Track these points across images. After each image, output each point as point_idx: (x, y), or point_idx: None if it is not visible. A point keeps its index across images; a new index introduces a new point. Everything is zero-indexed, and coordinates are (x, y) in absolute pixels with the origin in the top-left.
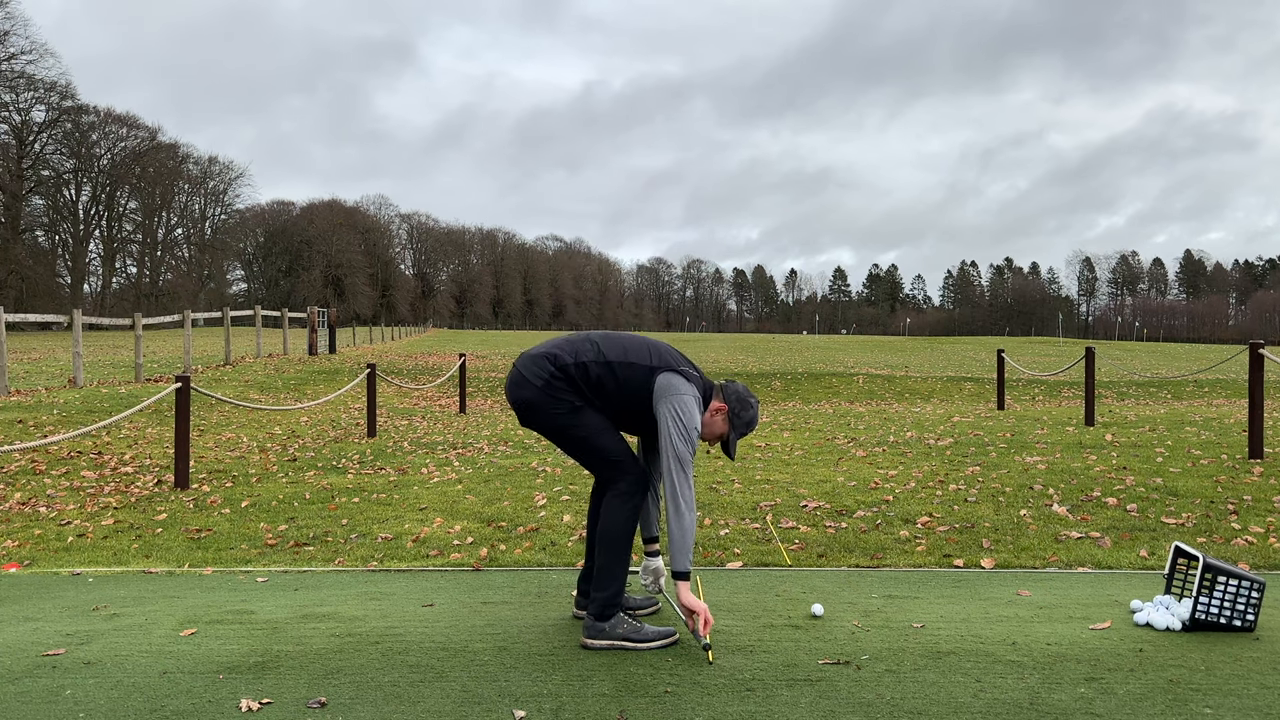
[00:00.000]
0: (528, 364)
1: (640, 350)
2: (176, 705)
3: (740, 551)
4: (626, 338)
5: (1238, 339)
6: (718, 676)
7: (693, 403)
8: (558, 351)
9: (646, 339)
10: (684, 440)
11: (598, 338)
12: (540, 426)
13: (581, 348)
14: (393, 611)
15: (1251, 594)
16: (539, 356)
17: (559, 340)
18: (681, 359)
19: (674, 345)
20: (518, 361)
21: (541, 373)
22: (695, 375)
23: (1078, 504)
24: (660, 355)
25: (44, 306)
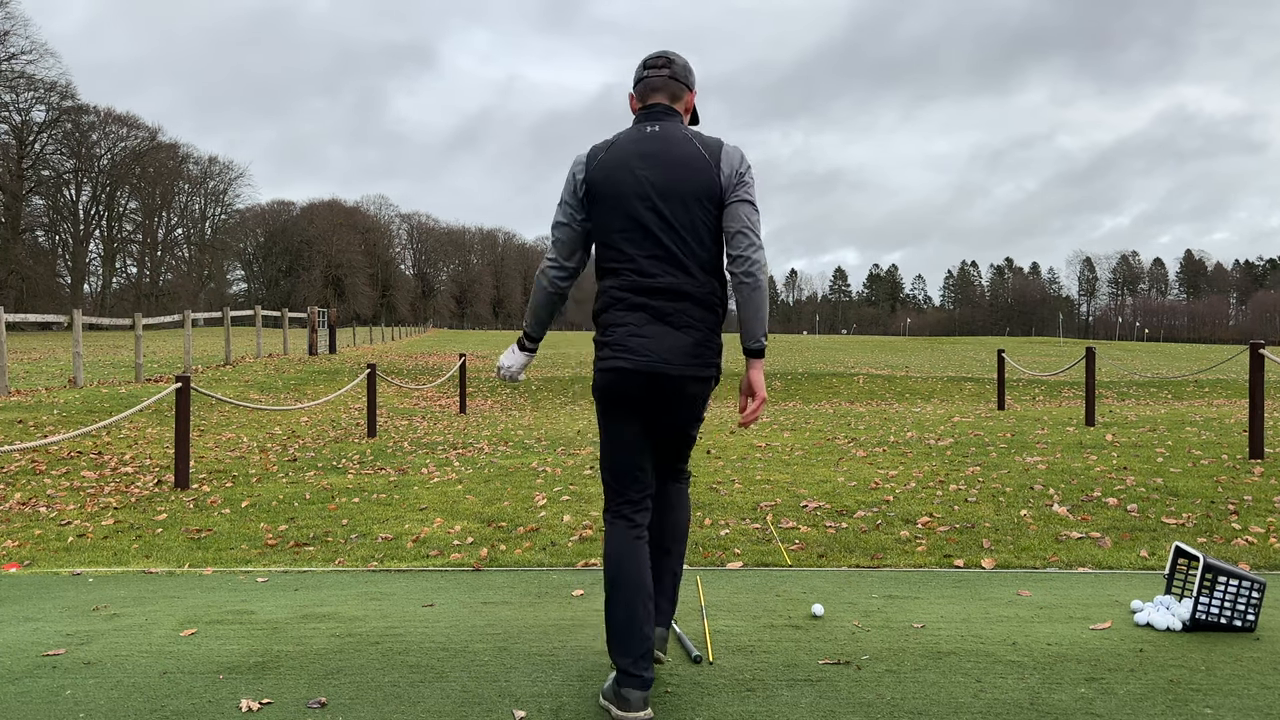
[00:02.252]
0: (696, 330)
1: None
2: (176, 705)
3: (740, 551)
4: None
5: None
6: (718, 676)
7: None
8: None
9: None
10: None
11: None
12: (688, 419)
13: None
14: (393, 611)
15: (1252, 594)
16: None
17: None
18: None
19: None
20: (663, 344)
21: (716, 347)
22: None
23: (1078, 504)
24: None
25: (44, 306)
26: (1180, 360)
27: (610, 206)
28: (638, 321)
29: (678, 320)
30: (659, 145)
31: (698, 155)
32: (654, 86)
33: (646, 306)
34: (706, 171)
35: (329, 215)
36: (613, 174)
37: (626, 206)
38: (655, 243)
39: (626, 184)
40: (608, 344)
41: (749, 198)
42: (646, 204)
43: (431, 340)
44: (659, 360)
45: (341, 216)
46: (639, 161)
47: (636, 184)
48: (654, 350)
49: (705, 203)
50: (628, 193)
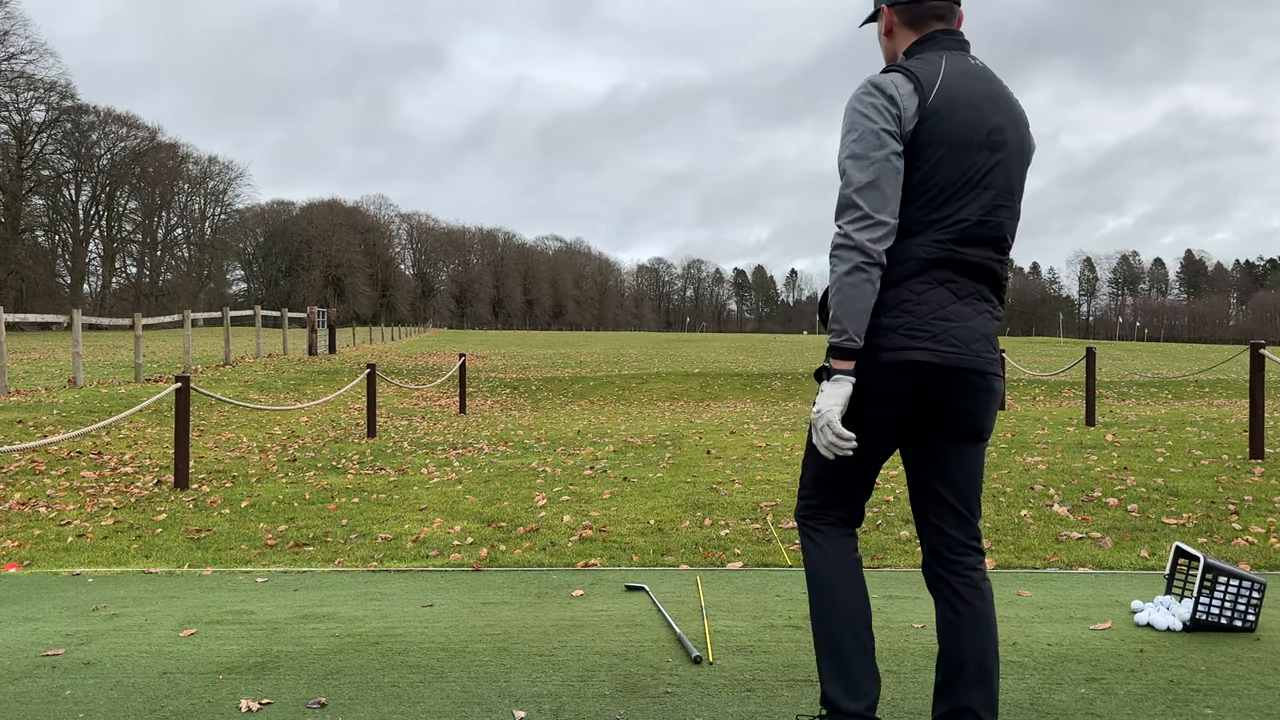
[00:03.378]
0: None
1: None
2: (176, 706)
3: (740, 551)
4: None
5: (1239, 339)
6: (718, 676)
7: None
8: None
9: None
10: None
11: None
12: (984, 434)
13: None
14: (393, 612)
15: (1252, 594)
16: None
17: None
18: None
19: (674, 345)
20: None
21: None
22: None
23: (1078, 504)
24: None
25: (44, 306)
26: (1180, 360)
27: (951, 150)
28: (944, 300)
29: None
30: (998, 87)
31: (1013, 101)
32: (939, 14)
33: (953, 282)
34: (1025, 122)
35: (329, 215)
36: (959, 112)
37: (973, 156)
38: (987, 203)
39: (976, 128)
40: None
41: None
42: (997, 155)
43: (431, 340)
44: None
45: (341, 216)
46: (988, 104)
47: (990, 130)
48: (962, 339)
49: (1026, 168)
50: (978, 141)
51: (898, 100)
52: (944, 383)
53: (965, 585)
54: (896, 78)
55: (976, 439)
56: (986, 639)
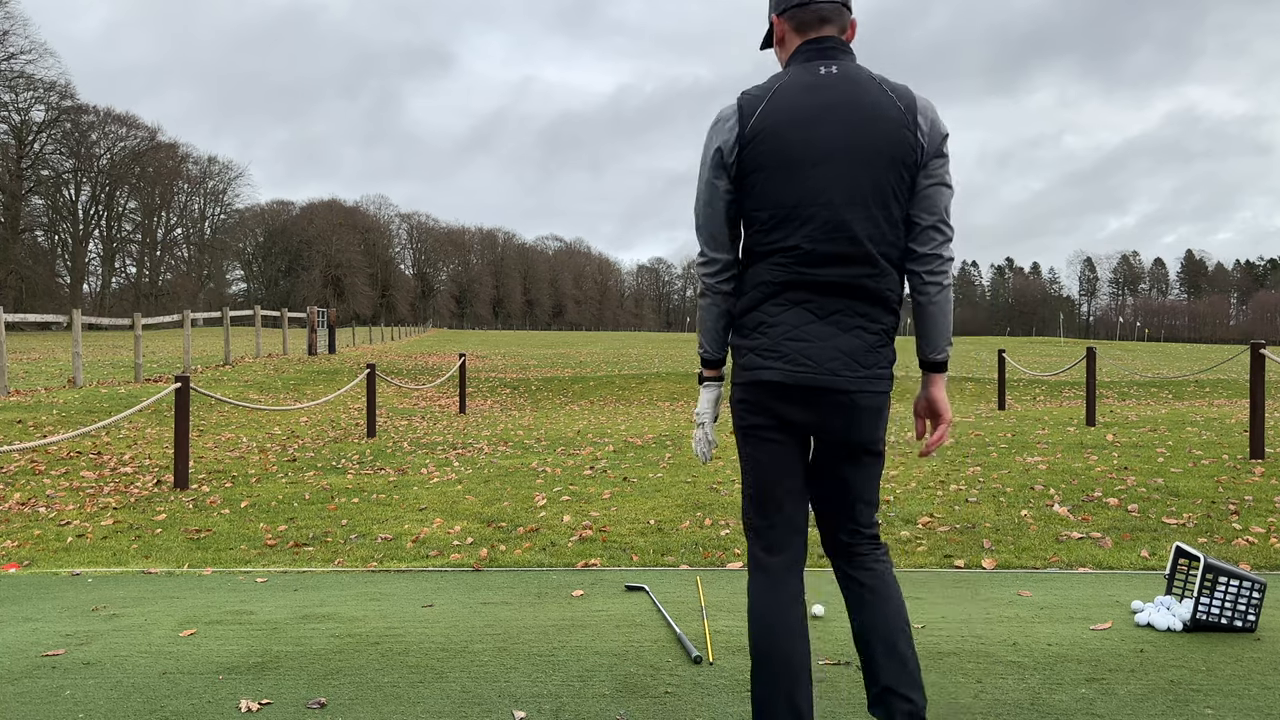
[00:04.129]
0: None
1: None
2: (176, 706)
3: (740, 552)
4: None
5: (1239, 339)
6: (718, 676)
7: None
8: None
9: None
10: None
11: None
12: (865, 440)
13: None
14: (392, 612)
15: (1252, 595)
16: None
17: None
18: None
19: (673, 345)
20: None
21: (889, 355)
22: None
23: (1079, 504)
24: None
25: (43, 306)
26: (1181, 360)
27: (773, 174)
28: (800, 320)
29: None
30: (844, 93)
31: (891, 104)
32: (824, 16)
33: (809, 301)
34: (899, 124)
35: (328, 215)
36: (783, 133)
37: (799, 174)
38: (833, 217)
39: (803, 145)
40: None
41: (949, 179)
42: (828, 169)
43: (431, 340)
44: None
45: (341, 216)
46: (824, 114)
47: (817, 142)
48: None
49: (901, 169)
50: (800, 156)
51: (724, 131)
52: (800, 401)
53: (863, 571)
54: (729, 108)
55: (856, 452)
56: (892, 619)
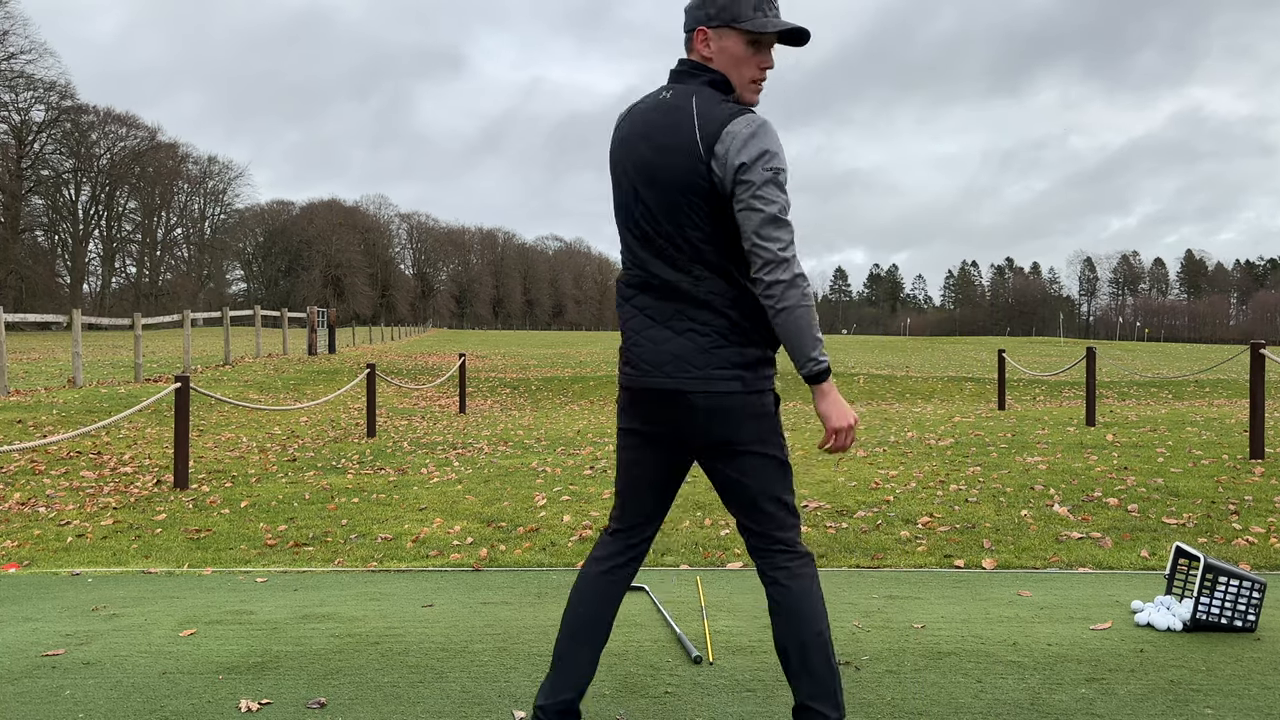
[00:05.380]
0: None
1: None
2: (176, 705)
3: (740, 551)
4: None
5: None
6: (718, 676)
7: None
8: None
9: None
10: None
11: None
12: (727, 440)
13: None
14: (392, 612)
15: (1252, 594)
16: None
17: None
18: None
19: None
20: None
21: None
22: None
23: (1079, 504)
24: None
25: (43, 306)
26: (1181, 360)
27: (615, 188)
28: (641, 326)
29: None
30: (663, 114)
31: (687, 129)
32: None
33: (649, 308)
34: (692, 152)
35: (328, 215)
36: (616, 151)
37: (624, 191)
38: (640, 233)
39: (624, 163)
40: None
41: (758, 204)
42: (633, 190)
43: (431, 340)
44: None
45: (341, 216)
46: (641, 130)
47: (627, 165)
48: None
49: (692, 196)
50: (618, 176)
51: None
52: (645, 402)
53: (772, 584)
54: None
55: (724, 453)
56: (798, 629)
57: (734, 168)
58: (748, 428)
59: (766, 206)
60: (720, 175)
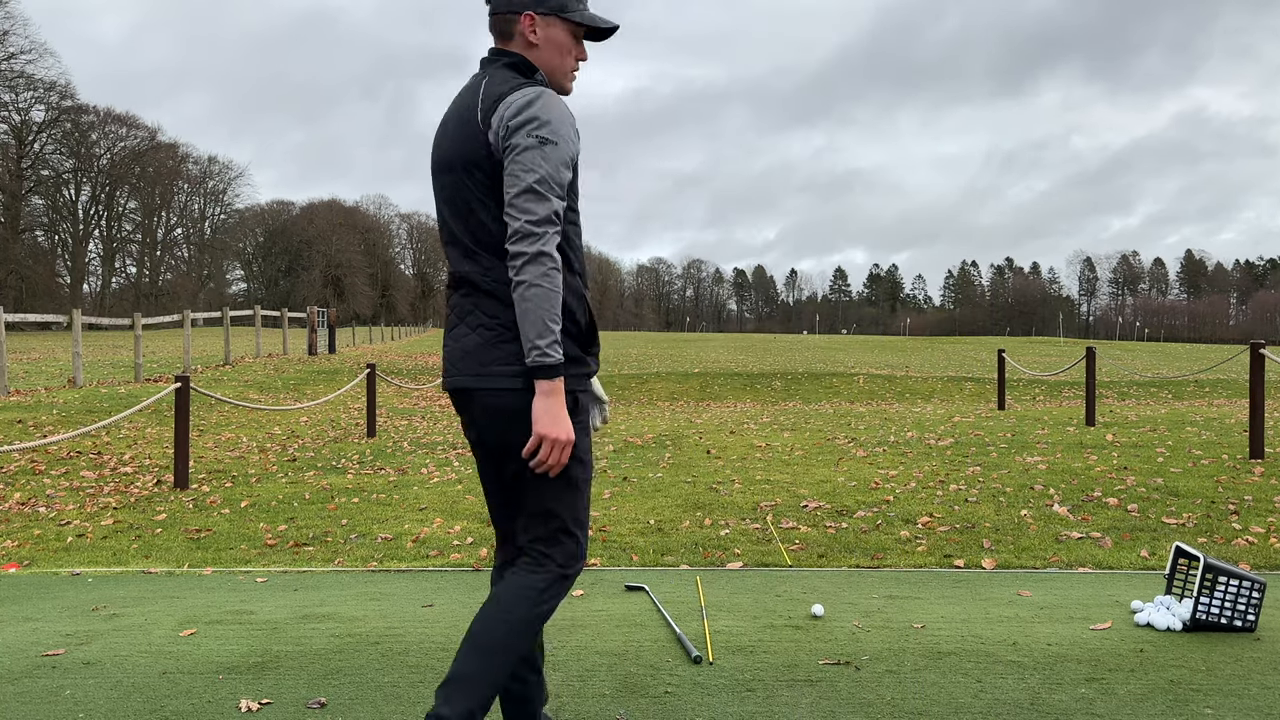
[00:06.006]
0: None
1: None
2: (176, 705)
3: (740, 551)
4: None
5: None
6: (718, 676)
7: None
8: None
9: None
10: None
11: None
12: (504, 444)
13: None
14: (392, 612)
15: (1252, 594)
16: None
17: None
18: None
19: (674, 345)
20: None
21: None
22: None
23: (1078, 504)
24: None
25: (43, 306)
26: (1180, 360)
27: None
28: (451, 323)
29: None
30: (464, 100)
31: (472, 108)
32: (491, 28)
33: (457, 305)
34: (474, 127)
35: (328, 215)
36: (434, 140)
37: (435, 180)
38: (447, 230)
39: (433, 152)
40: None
41: (518, 170)
42: (437, 176)
43: (431, 340)
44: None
45: (341, 216)
46: (448, 121)
47: (434, 151)
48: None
49: (475, 171)
50: (434, 162)
51: None
52: (456, 404)
53: (500, 578)
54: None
55: (505, 457)
56: (484, 620)
57: (503, 134)
58: (528, 428)
59: (525, 174)
60: (494, 145)
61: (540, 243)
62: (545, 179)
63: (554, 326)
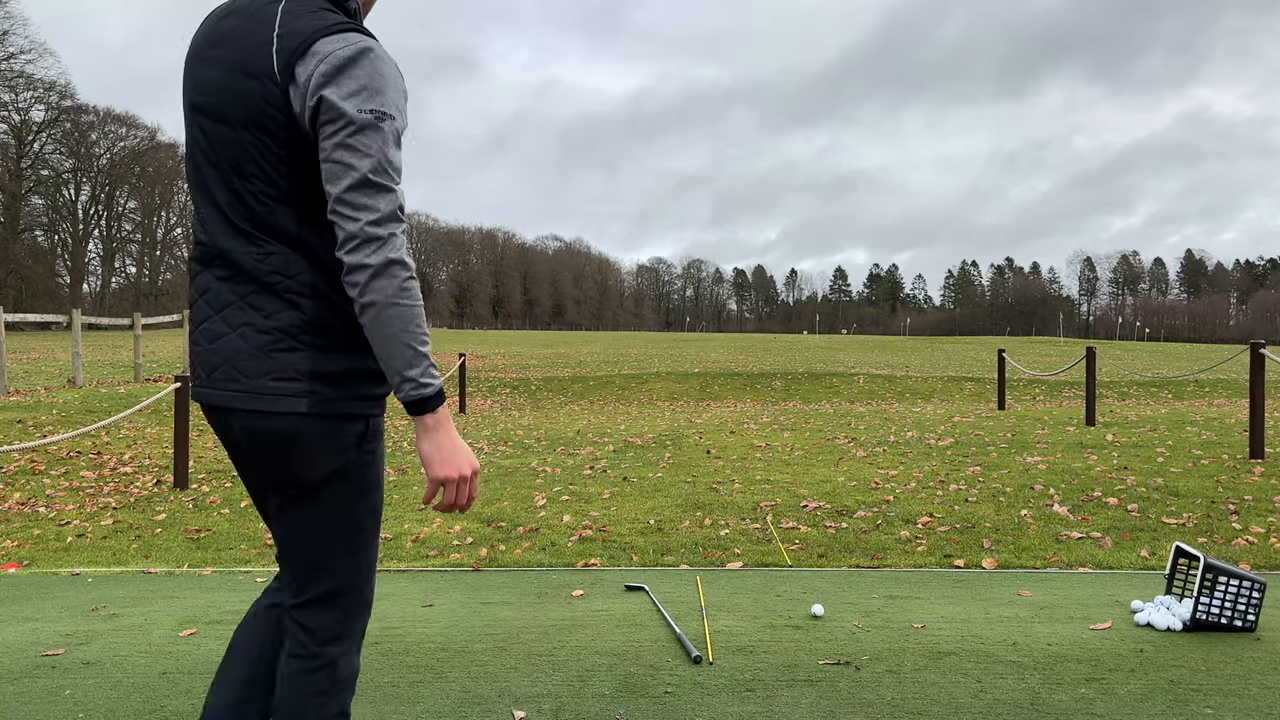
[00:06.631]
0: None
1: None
2: (176, 705)
3: (740, 551)
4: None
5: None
6: (718, 676)
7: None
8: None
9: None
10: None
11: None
12: (277, 480)
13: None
14: (392, 612)
15: (1252, 594)
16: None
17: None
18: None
19: (674, 345)
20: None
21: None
22: None
23: (1078, 504)
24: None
25: (43, 306)
26: (1180, 360)
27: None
28: (201, 315)
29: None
30: (233, 23)
31: (262, 46)
32: None
33: (208, 290)
34: (265, 76)
35: None
36: (184, 75)
37: (188, 125)
38: (204, 191)
39: (187, 90)
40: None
41: (347, 156)
42: (195, 118)
43: (431, 340)
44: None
45: None
46: (209, 52)
47: (190, 91)
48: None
49: (260, 134)
50: (188, 101)
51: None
52: (211, 420)
53: (287, 656)
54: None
55: (270, 493)
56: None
57: (316, 100)
58: (310, 465)
59: (358, 161)
60: (299, 108)
61: (388, 249)
62: (382, 166)
63: (424, 349)
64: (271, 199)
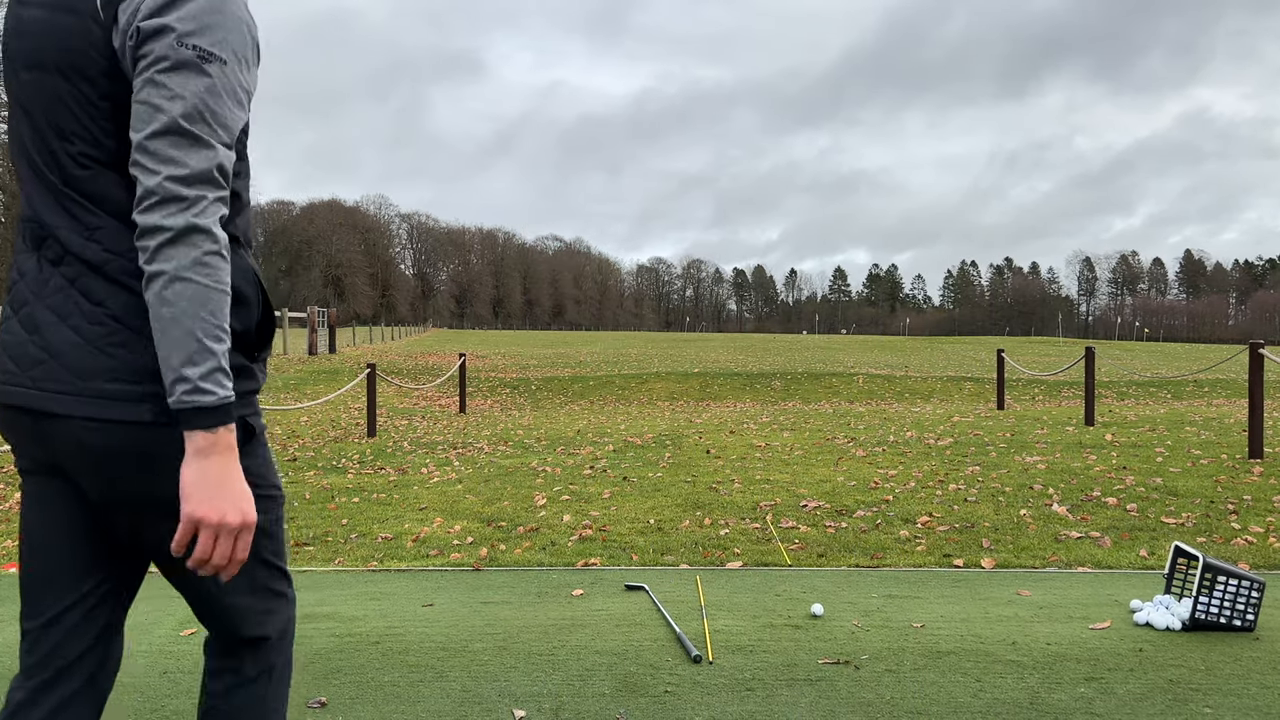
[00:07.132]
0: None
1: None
2: (176, 705)
3: (740, 551)
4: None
5: (1238, 339)
6: (718, 676)
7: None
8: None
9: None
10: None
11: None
12: (150, 511)
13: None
14: (393, 611)
15: (1251, 594)
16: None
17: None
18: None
19: (674, 345)
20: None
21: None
22: None
23: (1078, 504)
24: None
25: None
26: (1180, 360)
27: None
28: (18, 299)
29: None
30: None
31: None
32: None
33: (24, 275)
34: (85, 13)
35: (329, 215)
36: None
37: (6, 79)
38: (25, 156)
39: (4, 32)
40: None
41: (155, 96)
42: (14, 75)
43: (431, 340)
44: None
45: (341, 216)
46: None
47: (8, 36)
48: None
49: (81, 82)
50: (3, 56)
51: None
52: (11, 427)
53: (212, 675)
54: None
55: (131, 516)
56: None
57: (134, 36)
58: (168, 480)
59: (166, 103)
60: (121, 49)
61: (192, 212)
62: (199, 113)
63: (215, 346)
64: (95, 160)
